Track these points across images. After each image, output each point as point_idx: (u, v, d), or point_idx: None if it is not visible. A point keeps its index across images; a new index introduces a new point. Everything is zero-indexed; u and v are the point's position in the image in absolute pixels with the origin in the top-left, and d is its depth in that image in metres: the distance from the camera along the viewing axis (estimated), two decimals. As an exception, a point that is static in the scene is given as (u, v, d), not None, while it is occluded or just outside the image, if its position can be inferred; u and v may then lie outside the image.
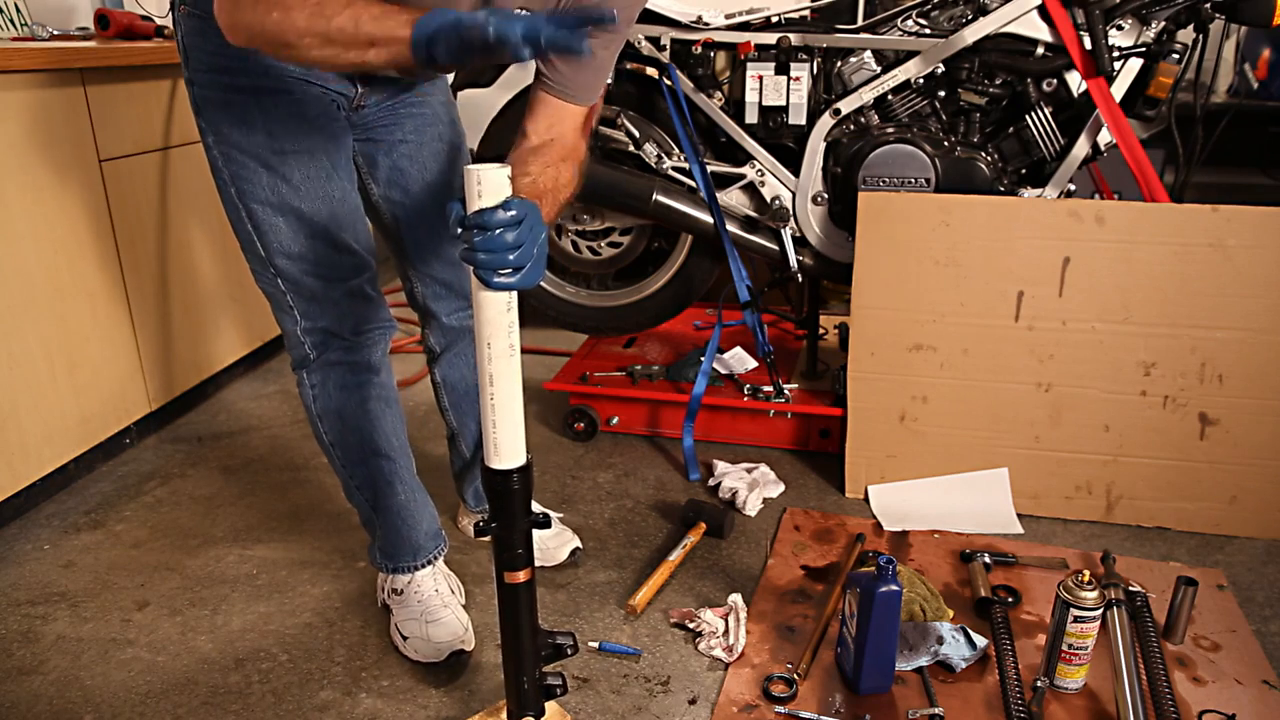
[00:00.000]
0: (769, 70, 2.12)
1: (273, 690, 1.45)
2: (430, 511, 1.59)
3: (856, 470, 2.04)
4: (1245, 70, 3.36)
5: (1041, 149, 2.05)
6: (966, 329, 1.94)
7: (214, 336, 2.47)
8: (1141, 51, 1.95)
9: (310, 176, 1.33)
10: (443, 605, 1.52)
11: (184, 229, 2.31)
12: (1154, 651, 1.47)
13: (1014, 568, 1.76)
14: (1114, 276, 1.86)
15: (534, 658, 1.23)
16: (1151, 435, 1.90)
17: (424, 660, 1.49)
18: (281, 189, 1.32)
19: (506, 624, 1.20)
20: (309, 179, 1.33)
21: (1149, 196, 1.95)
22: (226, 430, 2.37)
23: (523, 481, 1.12)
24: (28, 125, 1.82)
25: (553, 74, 1.30)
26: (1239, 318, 1.83)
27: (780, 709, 1.39)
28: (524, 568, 1.16)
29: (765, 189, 2.19)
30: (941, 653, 1.47)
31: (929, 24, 2.09)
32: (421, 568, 1.56)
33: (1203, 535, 1.90)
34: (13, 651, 1.54)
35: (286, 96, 1.28)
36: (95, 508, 1.99)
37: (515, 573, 1.16)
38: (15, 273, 1.82)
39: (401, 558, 1.55)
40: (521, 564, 1.16)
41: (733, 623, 1.54)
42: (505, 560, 1.16)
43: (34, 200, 1.85)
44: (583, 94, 1.32)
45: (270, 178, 1.31)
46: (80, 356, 2.00)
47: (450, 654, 1.46)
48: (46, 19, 2.41)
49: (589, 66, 1.29)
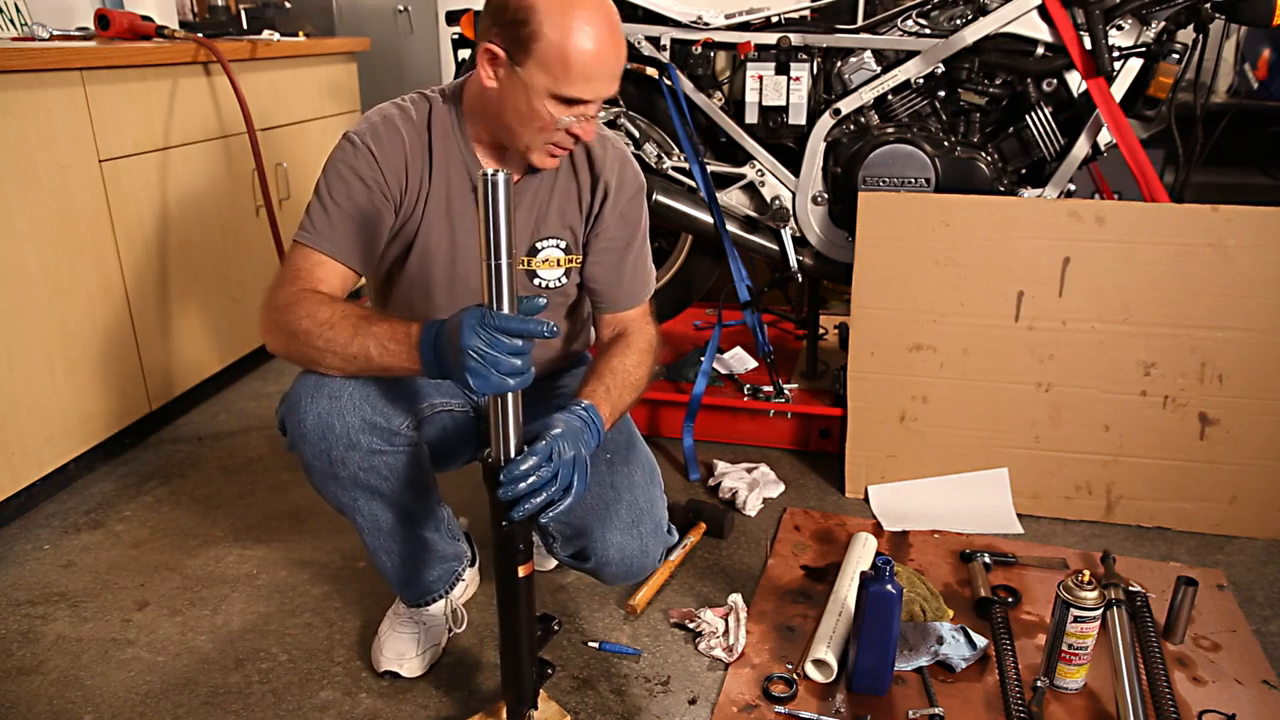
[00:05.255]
0: (769, 70, 2.12)
1: (273, 690, 1.45)
2: (443, 552, 1.50)
3: (856, 470, 2.04)
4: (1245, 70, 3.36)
5: (1041, 149, 2.05)
6: (966, 329, 1.94)
7: (214, 336, 2.47)
8: (1141, 51, 1.95)
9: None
10: (416, 624, 1.49)
11: (184, 229, 2.31)
12: (1154, 651, 1.47)
13: (1014, 568, 1.76)
14: (1114, 276, 1.86)
15: (532, 653, 1.23)
16: (1151, 435, 1.90)
17: (373, 657, 1.49)
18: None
19: (506, 620, 1.20)
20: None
21: (1149, 196, 1.95)
22: (226, 430, 2.37)
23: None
24: (28, 125, 1.82)
25: (596, 300, 1.44)
26: (1239, 318, 1.83)
27: (780, 709, 1.39)
28: (524, 563, 1.17)
29: (765, 189, 2.19)
30: (941, 653, 1.47)
31: (929, 24, 2.08)
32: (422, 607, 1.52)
33: (1203, 535, 1.90)
34: (13, 651, 1.54)
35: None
36: (95, 508, 1.99)
37: (518, 567, 1.17)
38: (15, 273, 1.82)
39: (405, 590, 1.50)
40: (522, 560, 1.17)
41: (733, 623, 1.54)
42: (507, 557, 1.16)
43: (34, 200, 1.85)
44: (629, 300, 1.45)
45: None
46: (80, 356, 2.00)
47: (385, 671, 1.47)
48: (46, 19, 2.41)
49: (620, 282, 1.43)
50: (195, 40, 2.26)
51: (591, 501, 1.32)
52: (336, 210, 1.26)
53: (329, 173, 1.28)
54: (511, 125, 1.23)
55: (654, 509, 1.37)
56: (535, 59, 1.15)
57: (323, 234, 1.26)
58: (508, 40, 1.16)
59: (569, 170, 1.37)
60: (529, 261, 1.38)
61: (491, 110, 1.25)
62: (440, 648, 1.52)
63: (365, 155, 1.26)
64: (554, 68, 1.15)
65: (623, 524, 1.33)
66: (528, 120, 1.21)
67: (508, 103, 1.21)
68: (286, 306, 1.22)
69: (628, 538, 1.33)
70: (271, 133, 2.60)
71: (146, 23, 2.23)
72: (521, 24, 1.14)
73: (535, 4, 1.13)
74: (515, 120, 1.22)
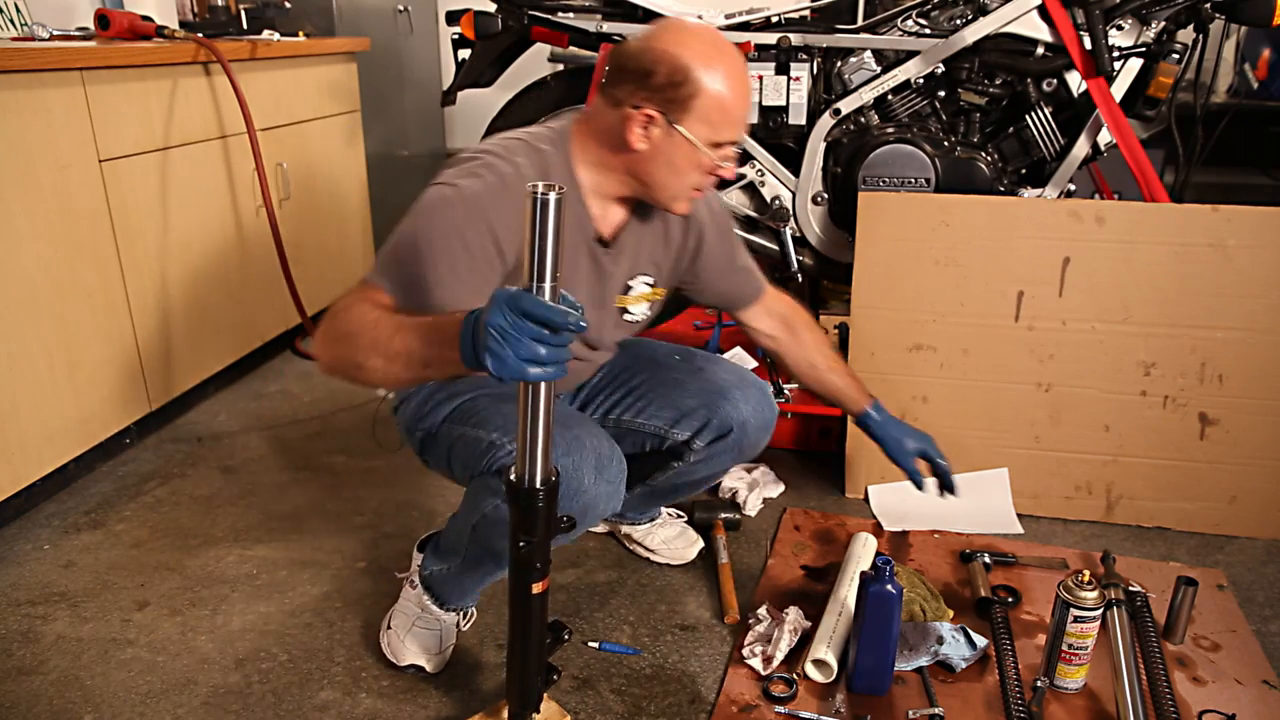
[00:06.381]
0: (769, 70, 2.12)
1: (273, 690, 1.45)
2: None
3: (856, 470, 2.04)
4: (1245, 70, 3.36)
5: (1041, 149, 2.05)
6: (966, 329, 1.94)
7: (214, 336, 2.47)
8: (1141, 51, 1.95)
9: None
10: (437, 622, 1.50)
11: (184, 229, 2.31)
12: (1154, 651, 1.47)
13: (1014, 568, 1.76)
14: (1114, 276, 1.86)
15: (539, 666, 1.23)
16: (1151, 435, 1.90)
17: (386, 653, 1.50)
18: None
19: (517, 633, 1.20)
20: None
21: (1149, 196, 1.95)
22: (226, 430, 2.37)
23: (548, 497, 1.12)
24: (28, 125, 1.82)
25: (717, 300, 1.60)
26: (1239, 318, 1.83)
27: (780, 709, 1.39)
28: (542, 579, 1.16)
29: (765, 189, 2.20)
30: (941, 653, 1.47)
31: (929, 24, 2.09)
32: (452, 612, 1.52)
33: (1203, 535, 1.90)
34: (13, 651, 1.54)
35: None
36: (95, 508, 1.99)
37: (534, 584, 1.16)
38: (15, 273, 1.82)
39: (450, 597, 1.50)
40: (540, 576, 1.16)
41: (780, 633, 1.51)
42: (525, 572, 1.15)
43: (34, 200, 1.85)
44: (751, 290, 1.60)
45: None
46: (80, 356, 2.00)
47: (409, 665, 1.48)
48: (46, 19, 2.41)
49: (727, 275, 1.55)
50: (195, 40, 2.26)
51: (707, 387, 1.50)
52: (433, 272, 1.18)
53: (433, 227, 1.19)
54: (664, 180, 1.28)
55: (751, 375, 1.56)
56: (694, 114, 1.22)
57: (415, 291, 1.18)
58: (663, 102, 1.22)
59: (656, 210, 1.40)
60: (623, 300, 1.43)
61: (638, 169, 1.29)
62: (452, 646, 1.52)
63: (477, 222, 1.19)
64: (713, 117, 1.23)
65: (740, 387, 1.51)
66: (684, 172, 1.27)
67: (661, 159, 1.26)
68: (336, 313, 1.16)
69: (749, 393, 1.51)
70: (271, 133, 2.60)
71: (146, 23, 2.22)
72: (678, 85, 1.21)
73: (689, 64, 1.20)
74: (669, 174, 1.28)
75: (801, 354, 1.63)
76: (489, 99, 2.78)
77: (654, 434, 1.54)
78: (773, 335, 1.64)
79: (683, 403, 1.51)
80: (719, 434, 1.50)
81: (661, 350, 1.61)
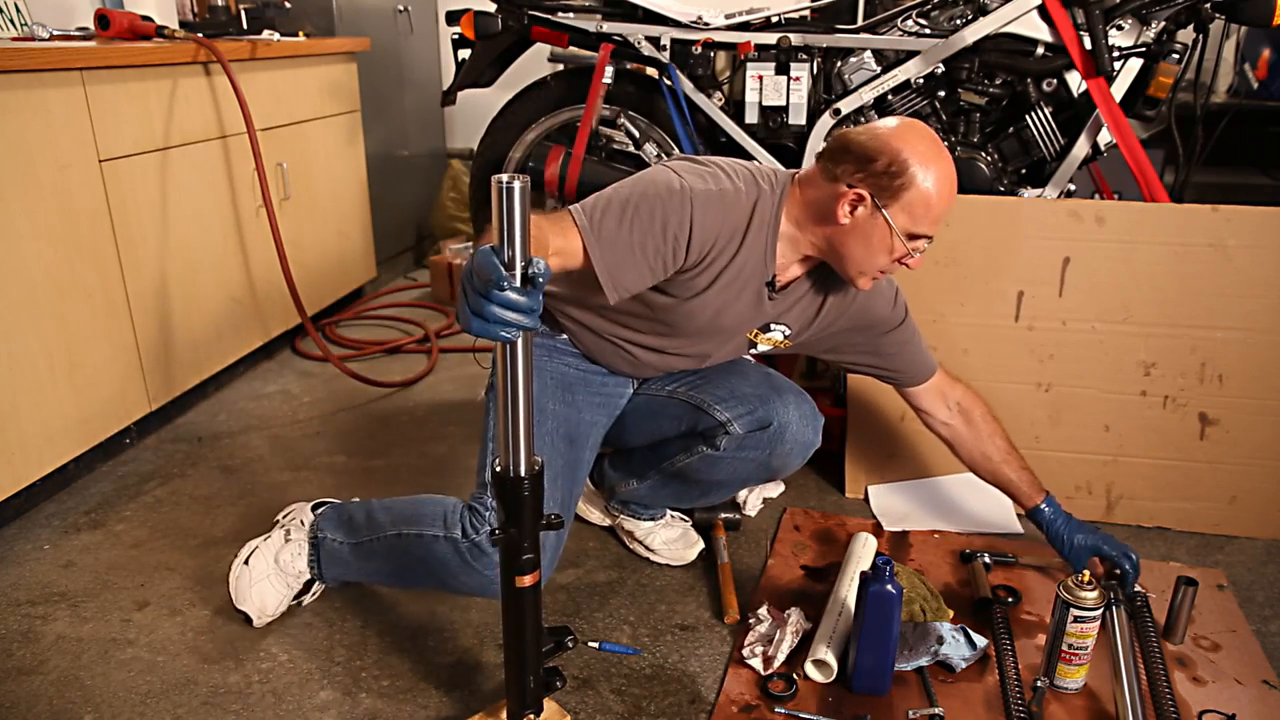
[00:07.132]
0: (769, 70, 2.12)
1: (273, 690, 1.45)
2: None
3: (856, 470, 2.04)
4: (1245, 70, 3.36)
5: (1041, 149, 2.05)
6: (966, 329, 1.94)
7: (214, 336, 2.47)
8: (1141, 51, 1.95)
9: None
10: (295, 583, 1.59)
11: (184, 229, 2.31)
12: (1154, 651, 1.47)
13: (1014, 568, 1.76)
14: (1114, 276, 1.86)
15: (536, 659, 1.23)
16: (1151, 435, 1.90)
17: (230, 585, 1.57)
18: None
19: (511, 627, 1.20)
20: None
21: (1149, 196, 1.95)
22: (226, 430, 2.37)
23: (534, 487, 1.12)
24: (28, 125, 1.82)
25: (898, 376, 1.66)
26: (1239, 318, 1.83)
27: (780, 709, 1.39)
28: (531, 572, 1.17)
29: (765, 189, 2.19)
30: (941, 653, 1.47)
31: (929, 24, 2.09)
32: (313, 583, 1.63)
33: (1203, 535, 1.90)
34: (13, 651, 1.54)
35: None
36: (95, 508, 1.99)
37: (523, 577, 1.17)
38: (15, 273, 1.81)
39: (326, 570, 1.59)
40: (529, 568, 1.16)
41: (781, 634, 1.51)
42: (513, 564, 1.16)
43: (34, 200, 1.85)
44: (927, 364, 1.65)
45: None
46: (80, 356, 2.00)
47: (242, 610, 1.56)
48: (46, 19, 2.41)
49: (906, 353, 1.62)
50: (195, 40, 2.26)
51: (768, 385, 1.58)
52: (624, 233, 1.28)
53: (645, 199, 1.30)
54: (856, 255, 1.37)
55: (813, 403, 1.61)
56: (901, 204, 1.32)
57: (602, 238, 1.28)
58: (876, 187, 1.32)
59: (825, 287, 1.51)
60: (756, 335, 1.53)
61: (836, 240, 1.38)
62: (284, 610, 1.60)
63: (682, 214, 1.30)
64: (917, 210, 1.32)
65: (798, 400, 1.57)
66: (877, 253, 1.36)
67: (858, 236, 1.35)
68: (539, 224, 1.22)
69: (804, 407, 1.57)
70: (271, 133, 2.60)
71: (146, 23, 2.22)
72: (895, 175, 1.30)
73: (909, 160, 1.30)
74: (863, 251, 1.36)
75: (977, 445, 1.68)
76: (489, 99, 2.79)
77: (698, 405, 1.58)
78: (949, 424, 1.68)
79: (739, 388, 1.57)
80: (759, 425, 1.54)
81: (739, 361, 1.67)
